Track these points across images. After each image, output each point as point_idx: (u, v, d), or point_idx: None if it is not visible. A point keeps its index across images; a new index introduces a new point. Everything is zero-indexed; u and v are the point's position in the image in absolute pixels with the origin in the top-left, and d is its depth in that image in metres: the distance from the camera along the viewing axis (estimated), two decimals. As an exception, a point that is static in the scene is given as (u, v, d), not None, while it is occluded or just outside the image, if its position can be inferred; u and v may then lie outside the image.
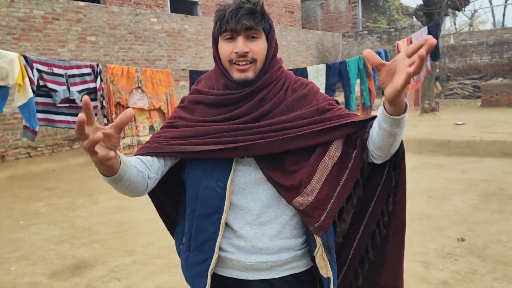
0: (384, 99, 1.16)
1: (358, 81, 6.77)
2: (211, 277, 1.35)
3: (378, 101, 14.37)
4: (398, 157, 1.36)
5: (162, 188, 1.47)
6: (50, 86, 4.61)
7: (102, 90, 5.09)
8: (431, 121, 11.36)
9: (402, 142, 1.32)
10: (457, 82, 17.40)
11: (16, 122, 8.67)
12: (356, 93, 6.72)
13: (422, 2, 13.11)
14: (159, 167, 1.36)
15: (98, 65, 5.03)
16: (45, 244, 4.38)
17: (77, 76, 4.85)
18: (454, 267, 3.40)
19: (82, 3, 9.92)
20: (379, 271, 1.47)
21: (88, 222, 5.04)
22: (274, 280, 1.35)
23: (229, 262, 1.36)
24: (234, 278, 1.37)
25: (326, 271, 1.34)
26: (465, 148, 7.94)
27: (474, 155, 7.57)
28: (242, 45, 1.28)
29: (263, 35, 1.32)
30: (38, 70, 4.48)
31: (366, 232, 1.44)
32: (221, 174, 1.32)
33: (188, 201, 1.39)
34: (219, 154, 1.30)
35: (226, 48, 1.31)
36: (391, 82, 1.09)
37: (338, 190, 1.32)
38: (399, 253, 1.46)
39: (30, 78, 4.34)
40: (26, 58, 4.39)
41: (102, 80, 5.08)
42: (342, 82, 6.40)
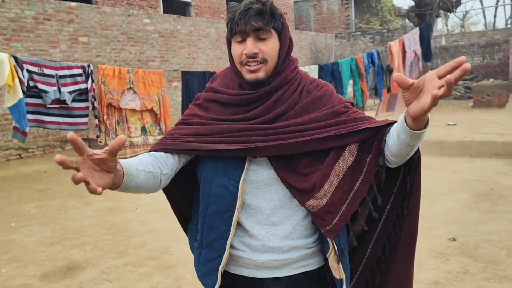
0: (406, 113, 1.15)
1: (350, 82, 6.80)
2: (222, 275, 1.35)
3: (370, 101, 14.50)
4: (413, 162, 1.35)
5: (176, 184, 1.47)
6: (41, 87, 4.58)
7: (94, 91, 5.06)
8: (423, 121, 11.38)
9: (418, 148, 1.31)
10: (449, 83, 17.48)
11: (6, 123, 8.60)
12: (348, 93, 6.73)
13: (414, 4, 13.20)
14: (173, 164, 1.35)
15: (89, 65, 5.01)
16: (36, 246, 4.35)
17: (68, 77, 4.82)
18: (446, 267, 3.42)
19: (74, 4, 9.86)
20: (388, 276, 1.47)
21: (79, 223, 5.01)
22: (285, 278, 1.35)
23: (240, 260, 1.37)
24: (245, 277, 1.37)
25: (339, 273, 1.34)
26: (457, 148, 7.99)
27: (465, 155, 7.62)
28: (251, 46, 1.27)
29: (274, 35, 1.31)
30: (28, 71, 4.45)
31: (382, 234, 1.44)
32: (234, 173, 1.32)
33: (201, 198, 1.39)
34: (234, 153, 1.30)
35: (237, 50, 1.31)
36: (417, 101, 1.07)
37: (352, 194, 1.31)
38: (410, 258, 1.45)
39: (20, 79, 4.32)
40: (16, 58, 4.36)
41: (93, 81, 5.06)
42: (334, 83, 6.43)
